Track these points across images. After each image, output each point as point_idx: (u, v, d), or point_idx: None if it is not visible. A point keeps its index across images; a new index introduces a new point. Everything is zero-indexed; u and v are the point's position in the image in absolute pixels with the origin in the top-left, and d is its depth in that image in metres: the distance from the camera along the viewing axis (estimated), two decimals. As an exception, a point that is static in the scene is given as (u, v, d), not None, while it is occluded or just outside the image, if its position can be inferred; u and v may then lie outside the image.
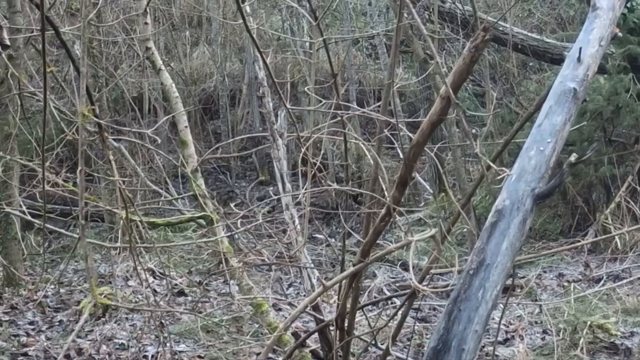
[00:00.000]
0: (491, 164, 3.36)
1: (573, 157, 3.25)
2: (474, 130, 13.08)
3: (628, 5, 11.63)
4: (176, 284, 9.97)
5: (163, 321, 8.73)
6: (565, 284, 9.81)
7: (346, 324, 5.74)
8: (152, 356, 7.68)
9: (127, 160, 10.01)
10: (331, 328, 5.87)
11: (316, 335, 6.37)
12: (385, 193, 5.19)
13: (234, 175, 15.60)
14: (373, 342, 6.15)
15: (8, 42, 6.34)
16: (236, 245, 8.64)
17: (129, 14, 12.75)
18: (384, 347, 6.11)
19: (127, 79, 14.10)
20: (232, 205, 10.46)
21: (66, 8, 13.35)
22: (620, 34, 3.82)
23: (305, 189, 5.48)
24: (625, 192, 11.24)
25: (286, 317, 7.93)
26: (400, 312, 5.80)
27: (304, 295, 8.10)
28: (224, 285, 9.69)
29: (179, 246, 10.18)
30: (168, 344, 8.13)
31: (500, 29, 12.53)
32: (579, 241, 10.14)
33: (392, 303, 9.01)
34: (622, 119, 11.56)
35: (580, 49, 3.60)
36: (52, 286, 9.87)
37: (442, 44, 12.88)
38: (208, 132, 15.81)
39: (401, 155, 4.75)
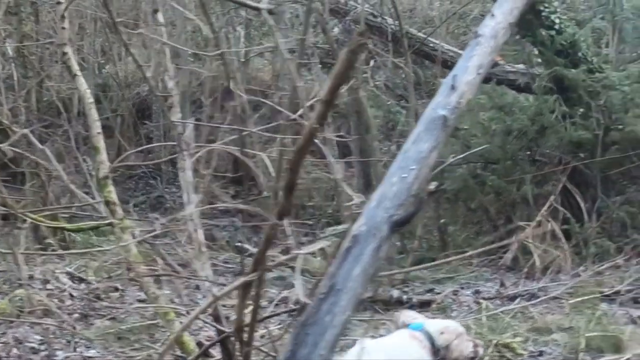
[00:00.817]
0: (351, 191, 3.40)
1: (433, 185, 3.27)
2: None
3: (556, 27, 11.80)
4: (94, 289, 9.95)
5: (75, 326, 8.72)
6: (481, 300, 9.91)
7: (247, 335, 5.77)
8: (62, 361, 7.68)
9: (51, 163, 9.97)
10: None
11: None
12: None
13: (165, 180, 15.56)
14: (273, 353, 6.18)
15: None
16: (156, 252, 8.65)
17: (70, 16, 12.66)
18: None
19: (57, 81, 14.02)
20: (155, 214, 10.50)
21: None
22: (502, 62, 3.88)
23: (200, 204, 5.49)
24: (546, 212, 11.37)
25: (194, 327, 7.98)
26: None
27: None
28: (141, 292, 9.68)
29: (99, 251, 10.11)
30: (78, 349, 8.13)
31: (431, 45, 12.64)
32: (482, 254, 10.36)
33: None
34: (547, 140, 11.72)
35: (455, 76, 3.64)
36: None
37: (370, 58, 12.97)
38: (141, 137, 15.76)
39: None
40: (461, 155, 10.21)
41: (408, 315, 5.83)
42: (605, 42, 17.00)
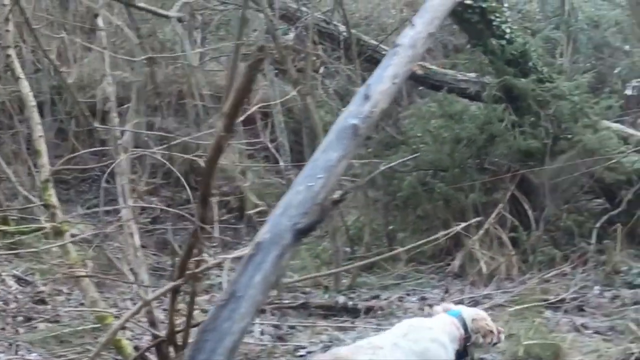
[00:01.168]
0: (256, 200, 3.43)
1: (337, 194, 3.31)
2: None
3: (507, 37, 11.89)
4: (39, 292, 9.93)
5: (18, 329, 8.71)
6: (427, 307, 9.97)
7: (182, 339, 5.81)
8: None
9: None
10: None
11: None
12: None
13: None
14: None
15: None
16: (101, 255, 8.65)
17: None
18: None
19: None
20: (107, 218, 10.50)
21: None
22: (420, 72, 3.93)
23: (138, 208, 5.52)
24: (494, 220, 11.47)
25: (137, 331, 7.99)
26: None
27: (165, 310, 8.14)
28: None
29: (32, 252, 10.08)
30: (20, 352, 8.12)
31: (384, 52, 12.67)
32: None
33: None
34: (496, 148, 11.81)
35: (370, 85, 3.68)
36: None
37: (321, 64, 13.01)
38: (95, 140, 15.66)
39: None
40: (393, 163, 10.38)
41: (447, 305, 6.81)
42: (560, 52, 17.21)
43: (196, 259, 5.06)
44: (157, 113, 15.15)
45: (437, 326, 6.27)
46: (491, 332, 6.47)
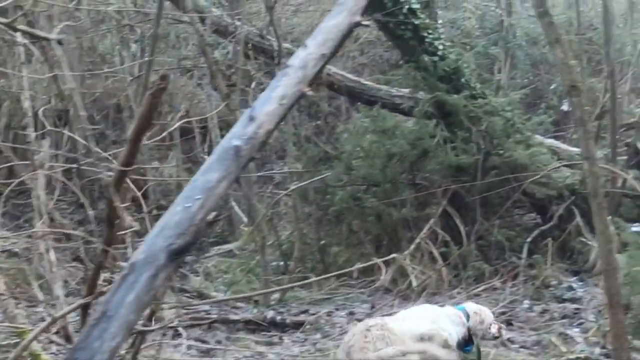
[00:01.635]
0: (129, 219, 3.51)
1: (212, 215, 3.34)
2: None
3: (439, 53, 12.00)
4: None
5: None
6: (355, 321, 10.02)
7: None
8: None
9: None
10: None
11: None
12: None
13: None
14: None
15: None
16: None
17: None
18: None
19: None
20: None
21: None
22: (310, 93, 3.95)
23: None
24: (425, 234, 11.55)
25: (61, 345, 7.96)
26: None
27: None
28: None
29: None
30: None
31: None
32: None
33: (176, 332, 9.10)
34: (427, 164, 11.90)
35: (256, 106, 3.71)
36: None
37: (251, 80, 13.02)
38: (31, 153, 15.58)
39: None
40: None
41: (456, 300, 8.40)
42: (498, 68, 17.39)
43: (106, 276, 5.09)
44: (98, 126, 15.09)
45: (442, 314, 7.56)
46: (488, 325, 7.64)
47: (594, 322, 9.65)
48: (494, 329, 7.69)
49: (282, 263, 12.25)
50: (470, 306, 7.81)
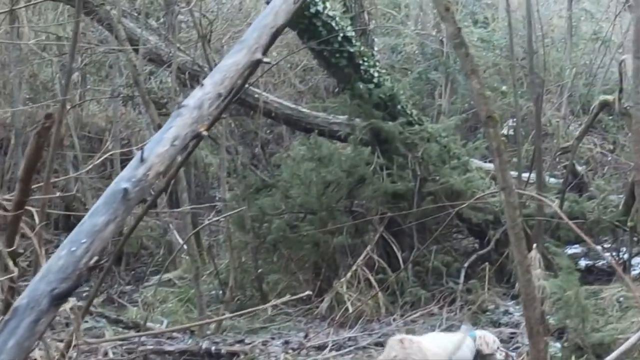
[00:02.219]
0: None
1: (93, 260, 3.33)
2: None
3: (375, 80, 12.04)
4: None
5: None
6: (290, 351, 10.04)
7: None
8: None
9: None
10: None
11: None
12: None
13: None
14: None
15: None
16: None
17: None
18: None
19: None
20: None
21: None
22: (205, 133, 3.95)
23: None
24: (362, 261, 11.58)
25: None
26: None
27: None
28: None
29: None
30: None
31: (256, 95, 12.75)
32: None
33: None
34: (364, 191, 11.94)
35: (147, 148, 3.69)
36: None
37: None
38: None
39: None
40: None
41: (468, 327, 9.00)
42: (439, 93, 17.52)
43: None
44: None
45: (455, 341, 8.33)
46: (498, 353, 8.52)
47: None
48: (501, 355, 8.53)
49: (220, 292, 12.21)
50: (478, 334, 8.57)
